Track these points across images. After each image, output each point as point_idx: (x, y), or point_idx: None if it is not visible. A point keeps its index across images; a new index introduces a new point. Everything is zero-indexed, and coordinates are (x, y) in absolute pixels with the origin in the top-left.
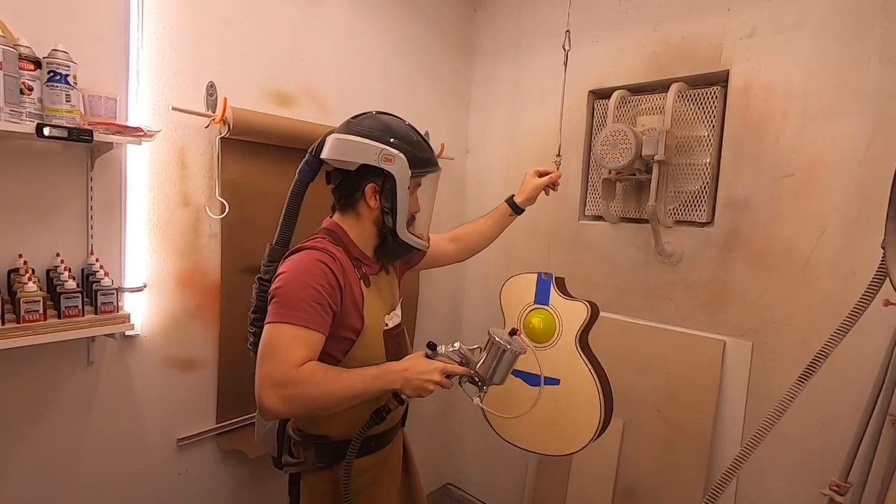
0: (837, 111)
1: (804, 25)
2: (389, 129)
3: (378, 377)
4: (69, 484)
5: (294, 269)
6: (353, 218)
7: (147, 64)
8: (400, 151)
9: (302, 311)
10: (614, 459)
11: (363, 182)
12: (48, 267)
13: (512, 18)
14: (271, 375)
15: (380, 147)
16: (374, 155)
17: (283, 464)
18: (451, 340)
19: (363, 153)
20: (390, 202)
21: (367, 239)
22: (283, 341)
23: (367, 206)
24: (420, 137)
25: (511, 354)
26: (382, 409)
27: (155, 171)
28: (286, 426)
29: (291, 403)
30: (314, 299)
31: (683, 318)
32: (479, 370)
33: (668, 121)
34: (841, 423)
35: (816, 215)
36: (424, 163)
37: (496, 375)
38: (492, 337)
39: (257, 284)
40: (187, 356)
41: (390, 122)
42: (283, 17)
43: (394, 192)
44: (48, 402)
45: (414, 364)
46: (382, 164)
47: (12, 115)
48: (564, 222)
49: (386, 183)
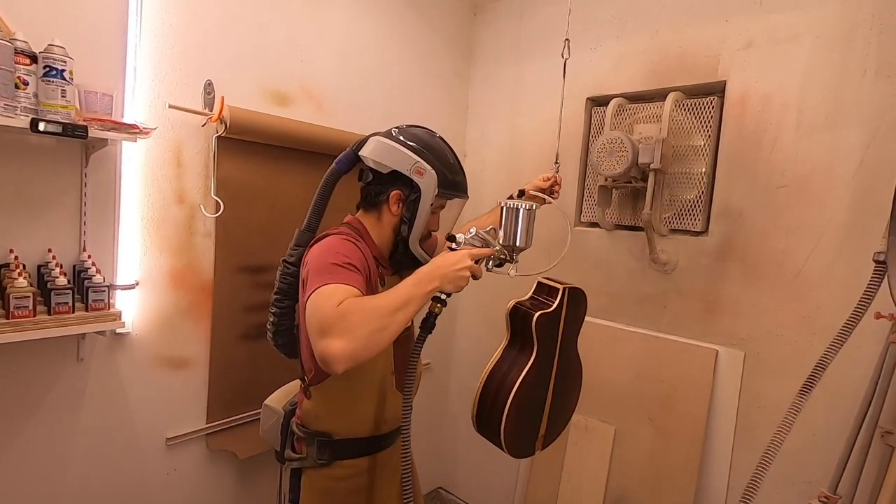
0: (832, 123)
1: (800, 38)
2: (428, 144)
3: (417, 282)
4: (56, 482)
5: (324, 246)
6: (374, 218)
7: (145, 61)
8: (432, 168)
9: (336, 273)
10: (605, 466)
11: (391, 187)
12: (40, 263)
13: (512, 24)
14: (320, 325)
15: (415, 159)
16: (407, 164)
17: (286, 458)
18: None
19: (398, 160)
20: (411, 213)
21: (384, 242)
22: (321, 300)
23: (388, 210)
24: (456, 161)
25: (526, 212)
26: (431, 318)
27: (150, 168)
28: (290, 421)
29: (349, 335)
30: (346, 263)
31: (677, 326)
32: (503, 241)
33: (665, 130)
34: (830, 435)
35: (810, 226)
36: (453, 185)
37: (519, 238)
38: (503, 205)
39: (282, 266)
40: (178, 355)
41: (431, 140)
42: (283, 16)
43: (416, 205)
44: (37, 399)
45: (443, 260)
46: (413, 174)
47: (6, 109)
48: (560, 228)
49: (412, 194)
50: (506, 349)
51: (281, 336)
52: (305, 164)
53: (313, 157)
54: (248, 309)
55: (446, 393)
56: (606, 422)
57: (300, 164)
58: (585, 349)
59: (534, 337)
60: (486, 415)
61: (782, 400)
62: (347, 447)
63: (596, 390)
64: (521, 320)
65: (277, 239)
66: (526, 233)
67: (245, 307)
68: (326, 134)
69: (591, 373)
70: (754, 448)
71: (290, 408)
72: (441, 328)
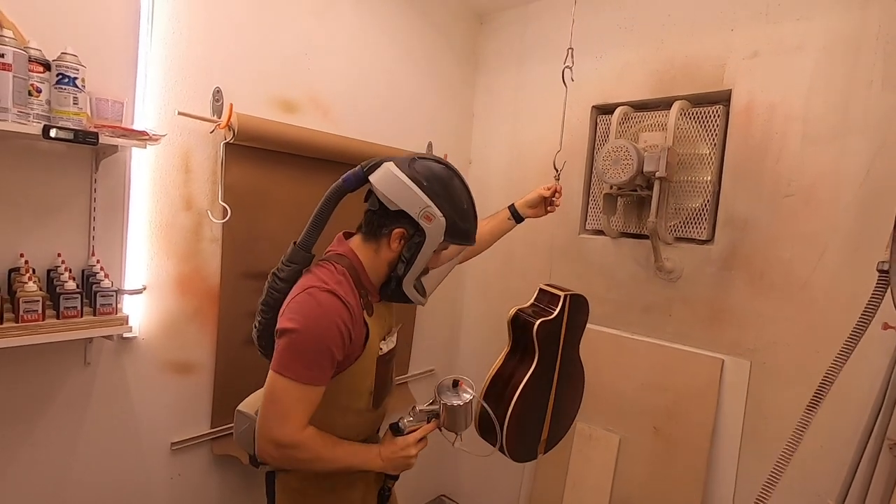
0: (839, 133)
1: (806, 48)
2: (445, 186)
3: (363, 460)
4: (62, 484)
5: (312, 319)
6: (371, 250)
7: (155, 69)
8: (443, 215)
9: (312, 368)
10: (610, 475)
11: (395, 223)
12: (49, 267)
13: (517, 31)
14: (277, 435)
15: (426, 203)
16: (417, 207)
17: (260, 462)
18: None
19: (408, 201)
20: (410, 254)
21: (378, 275)
22: (290, 401)
23: (388, 245)
24: (470, 207)
25: (461, 408)
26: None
27: (159, 174)
28: None
29: (287, 461)
30: (326, 357)
31: (682, 335)
32: (445, 425)
33: (670, 138)
34: (838, 446)
35: (816, 236)
36: (461, 234)
37: (459, 426)
38: (437, 398)
39: (271, 279)
40: (184, 360)
41: (448, 181)
42: (290, 25)
43: (418, 248)
44: (44, 402)
45: (388, 447)
46: (421, 219)
47: (20, 116)
48: (565, 236)
49: (416, 236)
50: (508, 356)
51: (264, 339)
52: (312, 170)
53: (320, 163)
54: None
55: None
56: (611, 430)
57: (306, 171)
58: (590, 357)
59: (535, 344)
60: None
61: (789, 409)
62: None
63: (600, 399)
64: (523, 327)
65: (283, 245)
66: (465, 421)
67: (250, 313)
68: (332, 141)
69: (596, 381)
70: (761, 457)
71: None
72: (444, 334)
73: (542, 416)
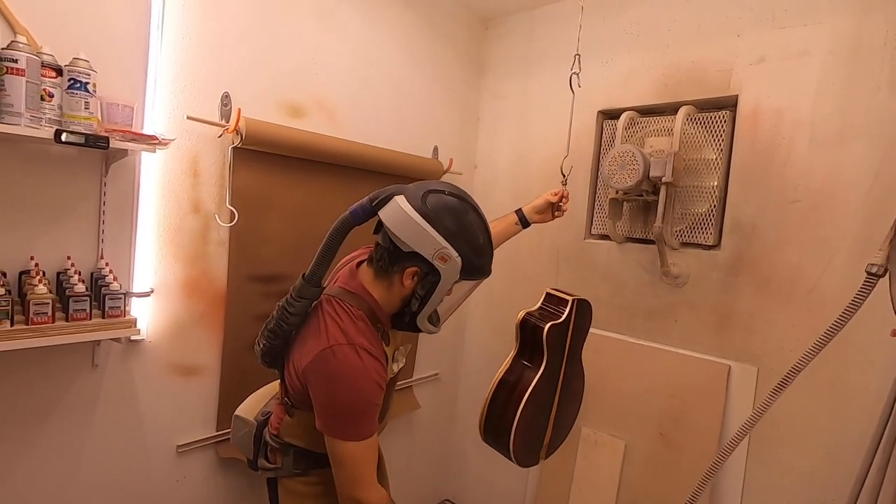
0: (846, 138)
1: (813, 53)
2: (460, 225)
3: None
4: (69, 486)
5: (351, 382)
6: (384, 287)
7: (164, 74)
8: (459, 255)
9: (362, 424)
10: (615, 481)
11: (408, 263)
12: (59, 269)
13: (523, 38)
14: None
15: (441, 245)
16: (431, 249)
17: (259, 467)
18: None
19: (421, 242)
20: (425, 292)
21: (390, 307)
22: (357, 461)
23: (400, 282)
24: (486, 240)
25: None
26: None
27: (167, 178)
28: (263, 432)
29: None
30: (371, 410)
31: (688, 340)
32: None
33: (677, 143)
34: (847, 454)
35: (824, 242)
36: (477, 270)
37: None
38: None
39: (280, 312)
40: (190, 363)
41: (464, 217)
42: (298, 31)
43: (433, 286)
44: (52, 403)
45: None
46: (436, 260)
47: (32, 120)
48: (570, 240)
49: (430, 275)
50: (514, 359)
51: (268, 357)
52: (318, 174)
53: (326, 167)
54: (260, 318)
55: (454, 403)
56: (616, 436)
57: (313, 175)
58: (595, 362)
59: (544, 347)
60: (495, 425)
61: (797, 416)
62: (323, 459)
63: (606, 404)
64: (532, 331)
65: (290, 248)
66: None
67: (257, 316)
68: (339, 145)
69: (601, 386)
70: (768, 464)
71: (262, 418)
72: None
73: (547, 421)
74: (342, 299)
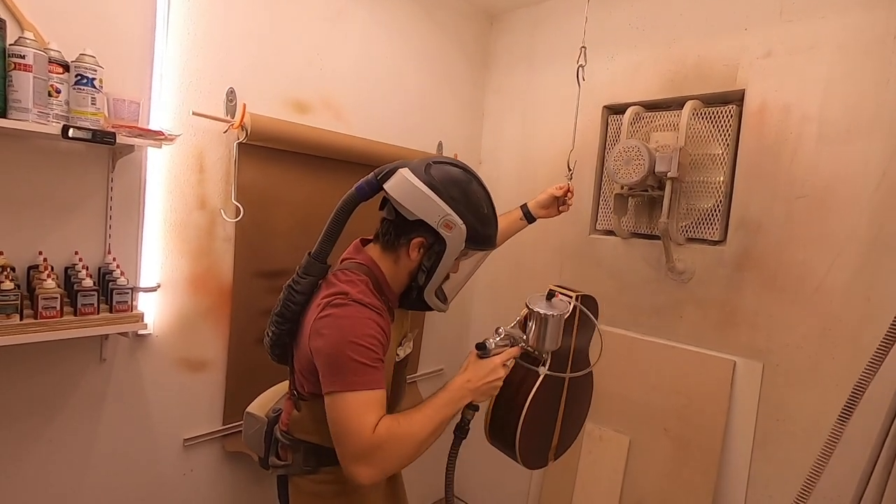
0: (855, 134)
1: (821, 47)
2: (464, 193)
3: (450, 401)
4: (78, 478)
5: (346, 329)
6: (391, 260)
7: (170, 69)
8: (464, 222)
9: (361, 373)
10: (620, 476)
11: (414, 233)
12: (66, 264)
13: (528, 32)
14: (353, 452)
15: (445, 212)
16: (436, 216)
17: (270, 465)
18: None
19: (426, 210)
20: (431, 263)
21: (397, 283)
22: (353, 412)
23: (407, 255)
24: (490, 210)
25: (555, 320)
26: (464, 424)
27: (173, 173)
28: (274, 428)
29: (382, 467)
30: (370, 358)
31: (693, 336)
32: (532, 344)
33: (682, 138)
34: (853, 450)
35: (831, 238)
36: (483, 240)
37: (547, 343)
38: (531, 309)
39: (286, 292)
40: (197, 357)
41: (467, 186)
42: (303, 27)
43: (439, 256)
44: (61, 397)
45: (474, 372)
46: (441, 228)
47: (40, 116)
48: (575, 236)
49: (436, 244)
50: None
51: (277, 348)
52: (323, 170)
53: (331, 163)
54: (266, 313)
55: None
56: (621, 432)
57: (318, 171)
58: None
59: None
60: (500, 425)
61: (802, 412)
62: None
63: (610, 400)
64: None
65: (296, 243)
66: (555, 338)
67: (262, 311)
68: (344, 141)
69: (606, 382)
70: (773, 461)
71: (273, 415)
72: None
73: (554, 421)
74: (346, 268)
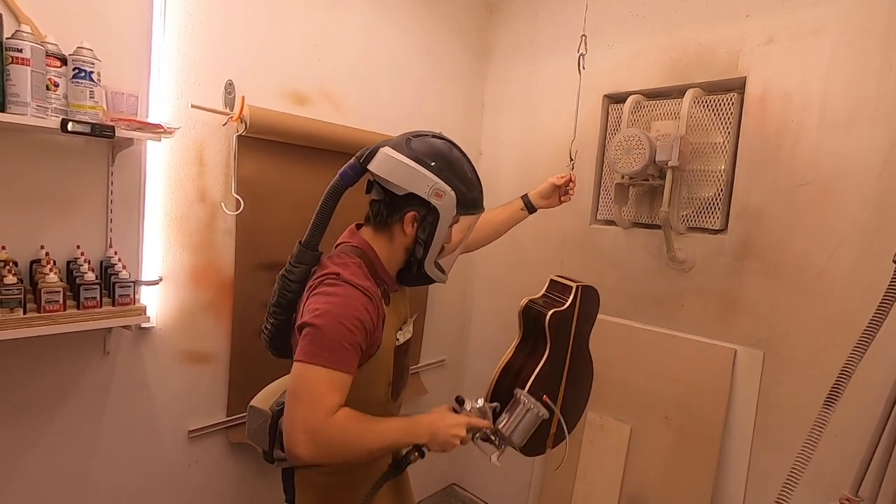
0: (857, 121)
1: (823, 33)
2: (447, 161)
3: (408, 430)
4: (83, 470)
5: (333, 307)
6: (385, 239)
7: (168, 62)
8: (452, 188)
9: (337, 352)
10: (621, 465)
11: (406, 208)
12: (69, 258)
13: (527, 21)
14: (305, 421)
15: (433, 180)
16: (425, 187)
17: (275, 458)
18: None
19: (415, 182)
20: (427, 235)
21: (394, 262)
22: (317, 386)
23: (402, 231)
24: (474, 175)
25: (533, 416)
26: (402, 462)
27: (173, 167)
28: (279, 422)
29: (323, 450)
30: (349, 341)
31: (694, 325)
32: (501, 428)
33: (683, 127)
34: (853, 437)
35: (832, 226)
36: (472, 204)
37: (516, 435)
38: (518, 395)
39: (281, 281)
40: (199, 349)
41: (449, 154)
42: (302, 18)
43: (434, 227)
44: (65, 390)
45: (441, 418)
46: (431, 197)
47: (38, 110)
48: (576, 226)
49: (428, 215)
50: (518, 346)
51: (277, 341)
52: (323, 162)
53: (331, 155)
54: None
55: (461, 389)
56: (622, 420)
57: (318, 163)
58: (601, 347)
59: (547, 335)
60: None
61: (802, 400)
62: None
63: (611, 389)
64: (534, 318)
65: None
66: (524, 434)
67: (264, 303)
68: (344, 133)
69: (607, 371)
70: (773, 449)
71: (277, 409)
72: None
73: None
74: (341, 252)
